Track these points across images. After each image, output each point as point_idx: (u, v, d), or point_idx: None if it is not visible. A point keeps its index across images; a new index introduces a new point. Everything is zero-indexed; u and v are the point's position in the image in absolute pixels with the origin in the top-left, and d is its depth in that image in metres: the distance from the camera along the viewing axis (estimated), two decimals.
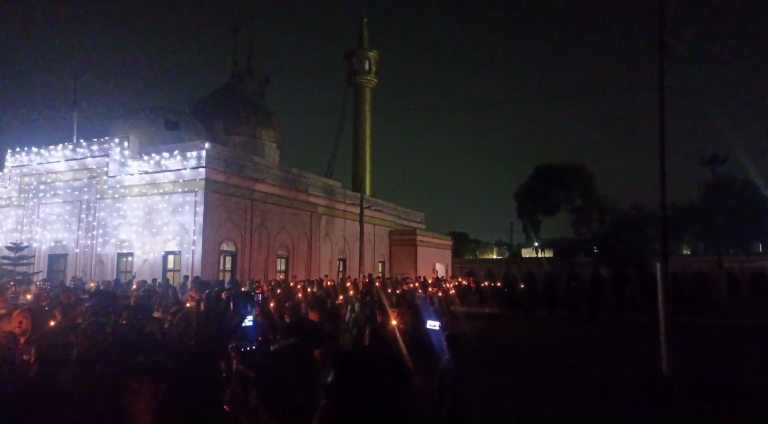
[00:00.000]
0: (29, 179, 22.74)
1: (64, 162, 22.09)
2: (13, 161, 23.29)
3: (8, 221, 22.79)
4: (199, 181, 19.63)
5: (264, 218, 22.69)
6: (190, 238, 19.39)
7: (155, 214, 20.03)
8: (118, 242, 20.59)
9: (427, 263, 34.38)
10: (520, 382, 9.39)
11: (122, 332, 4.56)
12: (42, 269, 20.52)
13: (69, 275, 19.70)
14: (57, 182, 22.19)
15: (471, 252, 61.86)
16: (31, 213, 22.40)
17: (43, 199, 22.34)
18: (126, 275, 19.41)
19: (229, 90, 32.30)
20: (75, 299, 9.35)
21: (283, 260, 24.33)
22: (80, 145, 22.02)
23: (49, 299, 8.93)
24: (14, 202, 22.90)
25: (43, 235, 21.91)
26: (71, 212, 21.69)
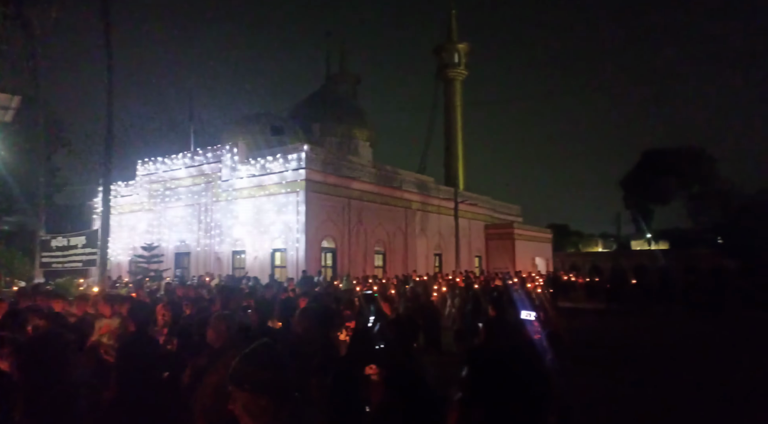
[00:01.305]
0: (156, 186, 25.53)
1: (184, 169, 24.50)
2: (143, 170, 26.29)
3: (141, 224, 25.77)
4: (300, 182, 20.77)
5: (361, 215, 23.41)
6: (294, 236, 20.58)
7: (263, 214, 21.53)
8: (233, 241, 22.42)
9: (526, 257, 33.25)
10: (643, 382, 8.76)
11: (246, 323, 5.00)
12: (170, 267, 22.96)
13: (192, 272, 21.86)
14: (179, 188, 24.67)
15: (573, 245, 58.71)
16: (159, 216, 25.14)
17: (169, 203, 24.97)
18: (240, 271, 21.11)
19: (324, 93, 33.69)
20: (200, 294, 10.40)
21: (380, 255, 24.94)
22: (197, 153, 24.29)
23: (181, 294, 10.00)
24: (145, 207, 25.84)
25: (170, 235, 24.49)
26: (192, 214, 24.01)
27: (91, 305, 7.45)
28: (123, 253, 24.86)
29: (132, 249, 23.64)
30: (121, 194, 25.88)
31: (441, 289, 15.27)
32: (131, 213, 25.94)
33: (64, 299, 8.93)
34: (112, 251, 19.86)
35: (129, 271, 22.03)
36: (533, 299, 14.10)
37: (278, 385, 1.92)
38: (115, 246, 23.25)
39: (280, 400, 1.90)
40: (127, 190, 26.35)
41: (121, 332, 5.47)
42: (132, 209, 25.99)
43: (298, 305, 6.42)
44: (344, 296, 6.94)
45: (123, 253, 24.86)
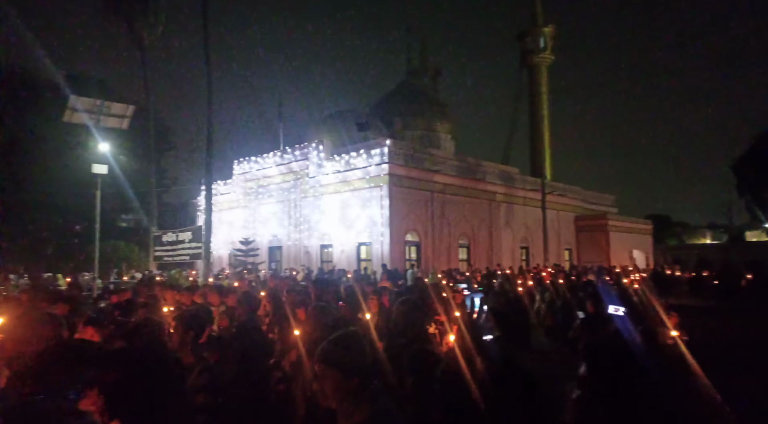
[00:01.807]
0: (251, 184, 27.19)
1: (275, 167, 25.85)
2: (238, 169, 28.10)
3: (238, 220, 27.61)
4: (383, 177, 21.08)
5: (444, 208, 23.30)
6: (378, 230, 20.98)
7: (348, 208, 22.16)
8: (320, 235, 23.33)
9: (622, 249, 31.18)
10: None
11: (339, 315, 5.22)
12: (264, 260, 24.41)
13: (284, 265, 23.08)
14: (270, 185, 26.09)
15: (675, 237, 54.06)
16: (254, 212, 26.78)
17: (262, 200, 26.51)
18: (327, 264, 21.93)
19: (405, 87, 33.82)
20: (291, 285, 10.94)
21: (464, 249, 24.67)
22: (286, 151, 25.51)
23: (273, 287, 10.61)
24: (241, 204, 27.63)
25: (264, 230, 26.00)
26: (282, 209, 25.30)
27: (199, 295, 8.17)
28: (223, 247, 26.79)
29: (231, 243, 25.39)
30: (221, 192, 27.88)
31: (527, 283, 14.80)
32: (229, 210, 27.86)
33: (176, 289, 9.85)
34: (213, 245, 21.52)
35: (229, 264, 23.69)
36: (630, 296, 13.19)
37: (363, 369, 2.07)
38: (216, 240, 25.13)
39: (363, 383, 2.04)
40: (225, 188, 28.32)
41: (228, 319, 5.97)
42: (230, 206, 27.90)
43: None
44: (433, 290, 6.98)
45: (223, 247, 26.79)
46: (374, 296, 6.64)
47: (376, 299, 6.42)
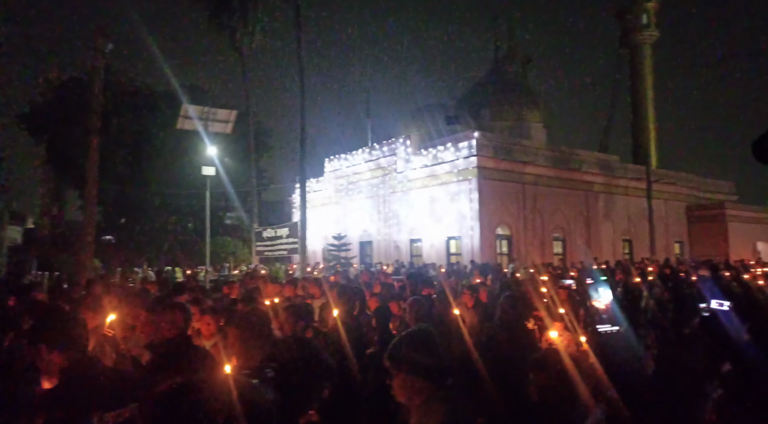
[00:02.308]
0: (341, 181, 28.09)
1: (364, 163, 26.46)
2: (329, 167, 29.15)
3: (330, 216, 28.67)
4: (472, 170, 20.74)
5: (536, 201, 22.41)
6: (468, 223, 20.70)
7: (436, 203, 22.11)
8: (409, 230, 23.53)
9: (743, 242, 27.94)
10: None
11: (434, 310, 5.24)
12: (356, 254, 25.12)
13: (375, 259, 23.59)
14: (360, 181, 26.76)
15: None
16: (345, 208, 27.65)
17: (352, 196, 27.28)
18: (417, 259, 22.07)
19: (493, 77, 32.91)
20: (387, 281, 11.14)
21: (559, 242, 23.57)
22: (374, 147, 26.00)
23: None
24: (333, 200, 28.65)
25: (354, 225, 26.76)
26: (372, 205, 25.85)
27: (300, 288, 8.62)
28: (317, 242, 27.97)
29: (324, 238, 26.44)
30: (313, 190, 29.10)
31: (632, 279, 13.78)
32: (322, 206, 29.01)
33: (278, 282, 10.47)
34: (308, 241, 22.57)
35: (323, 258, 24.70)
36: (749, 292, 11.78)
37: (432, 369, 1.96)
38: (311, 236, 26.30)
39: (434, 384, 1.95)
40: (317, 185, 29.52)
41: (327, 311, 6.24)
42: (322, 203, 29.05)
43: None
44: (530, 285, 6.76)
45: (317, 242, 27.97)
46: (467, 291, 6.59)
47: (468, 294, 6.37)
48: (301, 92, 18.10)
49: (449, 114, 24.97)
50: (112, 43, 12.12)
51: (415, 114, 27.72)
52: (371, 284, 7.99)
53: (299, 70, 17.56)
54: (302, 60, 17.38)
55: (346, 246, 22.08)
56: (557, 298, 4.83)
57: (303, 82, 17.81)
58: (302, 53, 17.30)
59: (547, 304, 5.35)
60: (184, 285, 7.41)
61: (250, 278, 11.20)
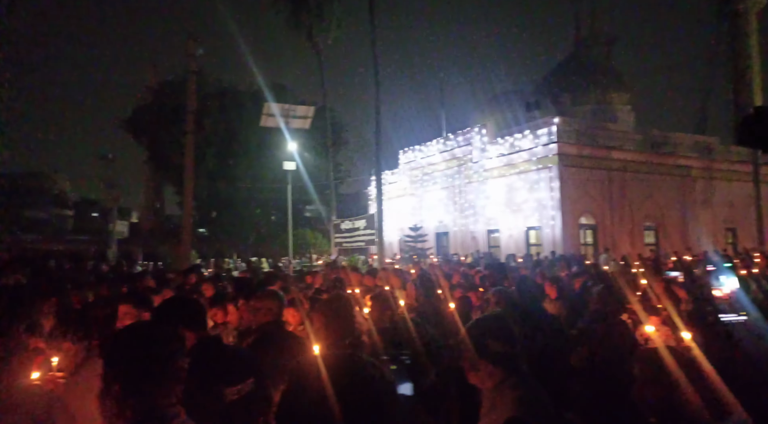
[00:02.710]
0: (416, 172, 28.14)
1: (438, 154, 26.30)
2: (404, 159, 29.30)
3: (405, 207, 28.86)
4: (552, 157, 19.92)
5: (624, 188, 21.10)
6: (549, 213, 19.95)
7: (514, 192, 21.51)
8: (486, 220, 23.11)
9: None
10: None
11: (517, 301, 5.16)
12: (432, 245, 25.13)
13: (451, 250, 23.47)
14: (435, 172, 26.65)
15: None
16: (420, 199, 27.70)
17: (427, 187, 27.26)
18: (495, 249, 21.66)
19: (573, 60, 31.26)
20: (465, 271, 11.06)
21: (650, 231, 22.06)
22: (448, 138, 25.76)
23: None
24: (408, 192, 28.80)
25: (430, 217, 26.75)
26: (447, 196, 25.67)
27: (379, 278, 8.82)
28: (393, 233, 28.31)
29: (400, 230, 26.69)
30: (389, 182, 29.42)
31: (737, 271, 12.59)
32: (397, 198, 29.27)
33: (358, 272, 10.76)
34: (384, 232, 22.92)
35: (400, 249, 24.97)
36: None
37: (505, 355, 1.97)
38: (387, 227, 26.66)
39: (506, 370, 1.96)
40: (392, 177, 29.80)
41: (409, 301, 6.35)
42: (398, 194, 29.30)
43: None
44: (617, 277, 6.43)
45: (393, 233, 28.31)
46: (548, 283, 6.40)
47: (550, 285, 6.19)
48: (375, 85, 18.33)
49: (528, 100, 24.10)
50: (202, 48, 13.03)
51: (490, 102, 27.06)
52: (451, 274, 7.99)
53: (373, 63, 17.79)
54: (376, 55, 17.58)
55: (423, 237, 22.15)
56: (654, 291, 4.56)
57: (377, 75, 18.03)
58: (376, 48, 17.50)
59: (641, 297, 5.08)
60: (275, 274, 7.85)
61: (332, 268, 11.62)
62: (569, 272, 8.18)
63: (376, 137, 20.18)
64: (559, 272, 8.98)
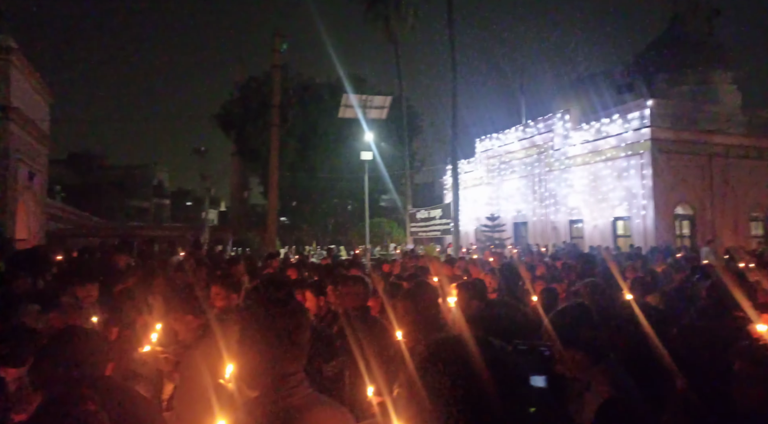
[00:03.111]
0: (493, 161, 27.48)
1: (517, 142, 25.47)
2: (480, 147, 28.71)
3: (482, 197, 28.34)
4: (644, 143, 18.59)
5: (727, 175, 19.26)
6: (639, 202, 18.69)
7: (600, 181, 20.35)
8: (568, 210, 22.11)
9: None
10: None
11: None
12: (510, 235, 24.50)
13: (530, 241, 22.75)
14: (513, 161, 25.87)
15: None
16: (497, 189, 27.06)
17: (504, 176, 26.55)
18: (578, 240, 20.70)
19: (670, 36, 28.77)
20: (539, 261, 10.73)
21: (758, 223, 20.00)
22: (528, 125, 24.85)
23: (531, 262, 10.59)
24: (484, 181, 28.23)
25: (507, 206, 26.07)
26: (526, 185, 24.85)
27: (457, 267, 8.78)
28: (469, 223, 27.94)
29: (476, 219, 26.29)
30: (465, 171, 29.00)
31: None
32: (473, 187, 28.80)
33: (437, 261, 10.78)
34: (460, 221, 22.68)
35: (476, 239, 24.63)
36: None
37: (589, 342, 2.02)
38: (463, 217, 26.36)
39: (594, 356, 2.00)
40: (468, 166, 29.33)
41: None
42: (474, 184, 28.82)
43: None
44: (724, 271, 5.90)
45: (469, 223, 27.94)
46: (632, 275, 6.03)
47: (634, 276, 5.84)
48: (452, 73, 18.09)
49: (618, 82, 22.60)
50: (287, 43, 13.54)
51: (575, 85, 25.69)
52: (533, 265, 7.76)
53: (450, 51, 17.52)
54: (453, 42, 17.30)
55: (500, 227, 21.69)
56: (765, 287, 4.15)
57: (454, 63, 17.76)
58: (453, 35, 17.21)
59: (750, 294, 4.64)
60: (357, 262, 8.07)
61: (410, 257, 11.73)
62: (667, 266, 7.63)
63: (453, 126, 19.95)
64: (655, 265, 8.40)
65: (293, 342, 1.48)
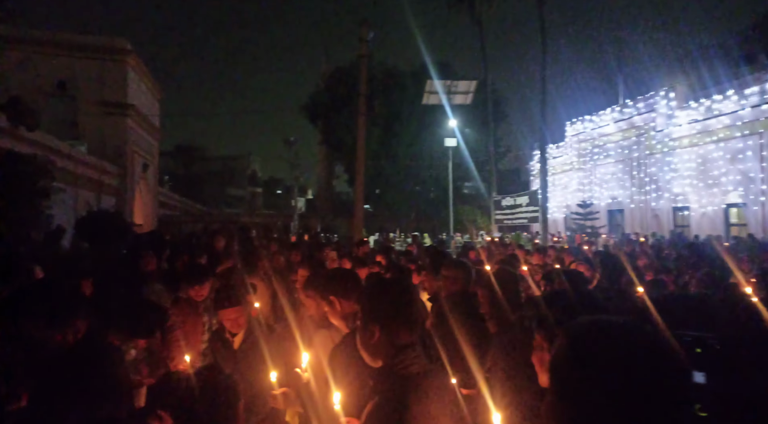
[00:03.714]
0: (585, 144, 25.94)
1: (613, 124, 23.80)
2: (571, 131, 27.21)
3: (572, 183, 26.92)
4: (764, 121, 16.56)
5: None
6: (757, 187, 16.75)
7: (710, 164, 18.49)
8: (672, 196, 20.37)
9: None
10: None
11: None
12: (605, 223, 23.09)
13: (627, 229, 21.28)
14: (608, 144, 24.23)
15: None
16: (589, 174, 25.54)
17: (598, 160, 24.98)
18: (684, 229, 19.03)
19: None
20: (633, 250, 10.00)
21: None
22: (626, 105, 23.11)
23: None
24: (575, 166, 26.77)
25: (601, 193, 24.55)
26: (623, 169, 23.20)
27: (548, 256, 8.46)
28: (558, 210, 26.74)
29: (565, 207, 25.08)
30: (552, 156, 27.70)
31: None
32: (562, 173, 27.46)
33: (524, 250, 10.49)
34: (548, 209, 21.74)
35: (565, 227, 23.52)
36: None
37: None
38: (550, 204, 25.27)
39: None
40: (557, 151, 27.98)
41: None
42: (563, 169, 27.46)
43: None
44: None
45: (558, 210, 26.74)
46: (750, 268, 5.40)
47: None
48: (542, 55, 17.23)
49: (733, 55, 20.27)
50: (373, 32, 13.67)
51: (682, 59, 23.42)
52: (634, 255, 7.26)
53: (540, 30, 16.67)
54: (543, 20, 16.43)
55: (593, 214, 20.50)
56: None
57: (544, 42, 16.89)
58: (543, 11, 16.33)
59: None
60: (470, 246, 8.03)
61: (496, 245, 11.47)
62: None
63: (542, 109, 19.07)
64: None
65: (408, 315, 1.59)
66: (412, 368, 1.53)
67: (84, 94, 16.97)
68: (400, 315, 1.58)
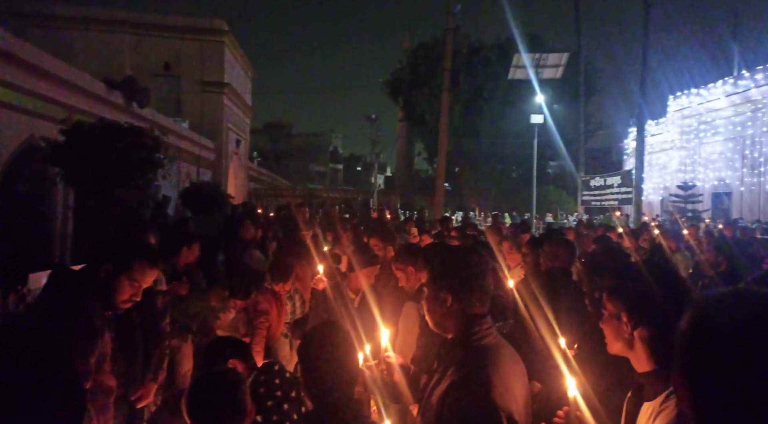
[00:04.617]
0: (689, 121, 23.68)
1: (724, 98, 21.48)
2: (674, 106, 24.92)
3: (672, 162, 24.79)
4: None
5: None
6: None
7: None
8: None
9: None
10: None
11: None
12: (708, 207, 21.13)
13: (734, 214, 19.34)
14: (716, 120, 21.96)
15: None
16: (693, 153, 23.36)
17: (704, 138, 22.75)
18: None
19: None
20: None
21: None
22: (741, 76, 20.72)
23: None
24: (677, 145, 24.58)
25: (706, 174, 22.42)
26: (733, 148, 20.99)
27: (642, 240, 7.95)
28: (654, 192, 24.86)
29: (663, 189, 23.24)
30: (651, 133, 25.60)
31: None
32: (662, 152, 25.38)
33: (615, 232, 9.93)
34: (643, 191, 20.25)
35: (663, 210, 21.87)
36: None
37: None
38: (646, 185, 23.51)
39: None
40: (657, 128, 25.83)
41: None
42: (662, 148, 25.36)
43: None
44: None
45: (654, 192, 24.86)
46: None
47: None
48: (644, 22, 15.80)
49: None
50: (459, 5, 13.31)
51: None
52: (745, 241, 6.60)
53: None
54: None
55: (695, 197, 18.83)
56: None
57: (648, 8, 15.46)
58: None
59: None
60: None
61: (585, 227, 10.94)
62: None
63: (641, 81, 17.58)
64: None
65: (480, 285, 1.55)
66: (486, 339, 1.51)
67: (186, 74, 18.22)
68: (474, 285, 1.54)
